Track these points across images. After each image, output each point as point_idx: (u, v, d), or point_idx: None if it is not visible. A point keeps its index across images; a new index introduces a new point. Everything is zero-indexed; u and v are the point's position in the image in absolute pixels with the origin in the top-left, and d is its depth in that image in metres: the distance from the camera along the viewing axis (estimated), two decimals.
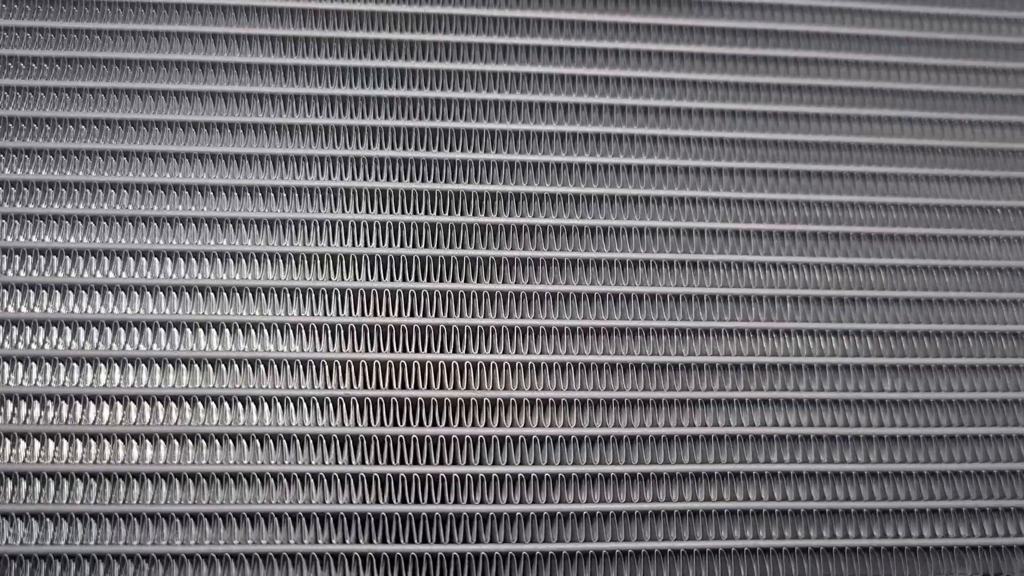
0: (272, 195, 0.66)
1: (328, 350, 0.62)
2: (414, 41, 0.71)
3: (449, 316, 0.64)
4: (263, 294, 0.63)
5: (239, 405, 0.60)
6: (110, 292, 0.62)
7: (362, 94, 0.69)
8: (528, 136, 0.69)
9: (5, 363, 0.60)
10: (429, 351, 0.63)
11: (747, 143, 0.71)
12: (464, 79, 0.70)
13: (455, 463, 0.60)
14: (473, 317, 0.64)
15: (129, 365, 0.61)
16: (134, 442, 0.59)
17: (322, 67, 0.70)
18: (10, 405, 0.59)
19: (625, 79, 0.72)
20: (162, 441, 0.59)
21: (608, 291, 0.65)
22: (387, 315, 0.63)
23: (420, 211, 0.66)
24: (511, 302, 0.64)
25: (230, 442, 0.60)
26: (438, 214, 0.66)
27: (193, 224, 0.64)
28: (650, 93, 0.72)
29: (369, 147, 0.68)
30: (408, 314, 0.63)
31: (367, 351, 0.62)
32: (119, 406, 0.60)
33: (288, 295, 0.63)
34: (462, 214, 0.66)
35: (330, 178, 0.67)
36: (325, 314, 0.63)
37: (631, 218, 0.68)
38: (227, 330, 0.62)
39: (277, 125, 0.68)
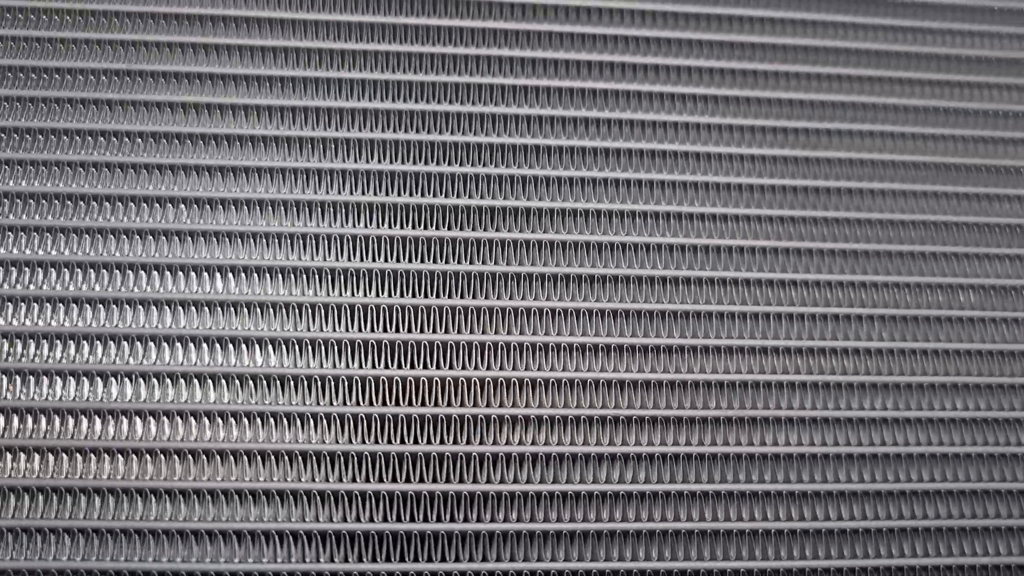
0: (281, 208, 0.66)
1: (335, 366, 0.62)
2: (422, 54, 0.71)
3: (447, 332, 0.64)
4: (264, 309, 0.63)
5: (232, 420, 0.61)
6: (115, 306, 0.63)
7: (370, 107, 0.69)
8: (529, 150, 0.69)
9: (16, 376, 0.61)
10: (425, 367, 0.63)
11: (751, 159, 0.71)
12: (472, 93, 0.70)
13: (448, 481, 0.61)
14: (471, 333, 0.64)
15: (126, 380, 0.61)
16: (133, 456, 0.59)
17: (329, 79, 0.70)
18: (15, 419, 0.60)
19: (633, 93, 0.72)
20: (162, 456, 0.60)
21: (607, 307, 0.65)
22: (384, 331, 0.63)
23: (421, 226, 0.66)
24: (509, 318, 0.64)
25: (231, 458, 0.60)
26: (438, 229, 0.66)
27: (202, 237, 0.65)
28: (665, 108, 0.72)
29: (368, 161, 0.68)
30: (405, 330, 0.63)
31: (362, 367, 0.62)
32: (123, 420, 0.60)
33: (285, 310, 0.63)
34: (461, 229, 0.66)
35: (339, 192, 0.67)
36: (322, 329, 0.63)
37: (629, 234, 0.67)
38: (231, 345, 0.62)
39: (285, 137, 0.68)
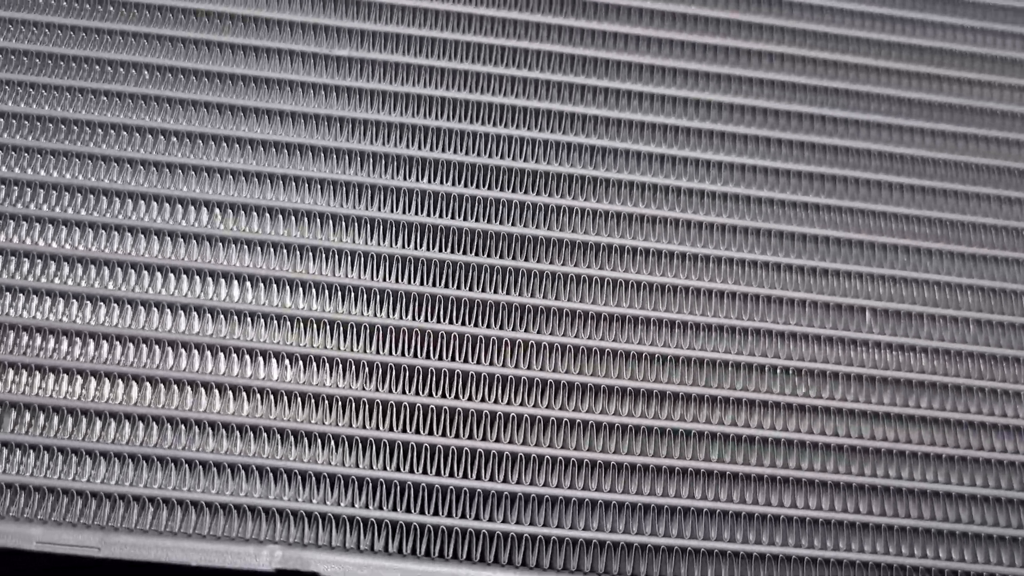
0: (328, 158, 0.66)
1: (375, 314, 0.63)
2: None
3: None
4: (304, 252, 0.64)
5: (260, 359, 0.61)
6: (155, 237, 0.63)
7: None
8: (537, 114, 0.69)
9: (60, 298, 0.61)
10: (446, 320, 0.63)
11: (777, 142, 0.71)
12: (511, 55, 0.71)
13: (473, 437, 0.61)
14: (496, 292, 0.64)
15: (179, 310, 0.62)
16: (190, 387, 0.60)
17: (376, 32, 0.70)
18: (37, 338, 0.60)
19: (669, 70, 0.72)
20: (203, 389, 0.60)
21: (610, 276, 0.66)
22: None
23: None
24: (524, 279, 0.65)
25: (259, 396, 0.60)
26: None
27: (230, 176, 0.65)
28: (696, 85, 0.72)
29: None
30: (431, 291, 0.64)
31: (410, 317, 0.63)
32: (156, 350, 0.61)
33: (324, 255, 0.64)
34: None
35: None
36: (359, 277, 0.63)
37: (624, 204, 0.68)
38: (273, 285, 0.63)
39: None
